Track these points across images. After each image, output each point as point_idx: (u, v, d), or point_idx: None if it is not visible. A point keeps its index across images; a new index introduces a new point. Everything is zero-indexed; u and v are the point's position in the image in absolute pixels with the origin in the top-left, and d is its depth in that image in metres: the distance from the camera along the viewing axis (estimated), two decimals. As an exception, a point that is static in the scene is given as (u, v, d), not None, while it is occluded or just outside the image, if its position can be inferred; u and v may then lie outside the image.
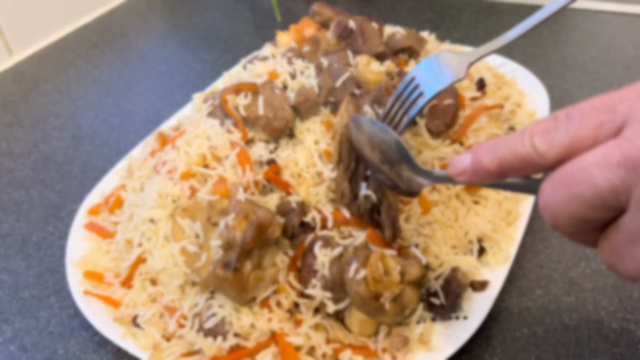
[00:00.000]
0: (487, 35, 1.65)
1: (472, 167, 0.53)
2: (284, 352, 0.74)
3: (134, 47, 1.76)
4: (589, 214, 0.43)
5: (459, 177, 0.55)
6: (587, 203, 0.42)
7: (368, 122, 0.76)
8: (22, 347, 0.86)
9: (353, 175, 0.82)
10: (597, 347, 0.79)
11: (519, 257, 0.93)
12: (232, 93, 0.91)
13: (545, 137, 0.45)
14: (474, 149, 0.53)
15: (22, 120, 1.42)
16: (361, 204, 0.81)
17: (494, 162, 0.50)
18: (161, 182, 0.85)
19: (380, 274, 0.73)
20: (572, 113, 0.45)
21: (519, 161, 0.48)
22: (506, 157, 0.48)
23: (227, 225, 0.75)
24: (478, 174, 0.52)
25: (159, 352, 0.77)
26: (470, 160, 0.53)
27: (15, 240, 1.06)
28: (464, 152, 0.55)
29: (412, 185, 0.72)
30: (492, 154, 0.50)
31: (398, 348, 0.75)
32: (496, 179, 0.51)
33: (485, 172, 0.51)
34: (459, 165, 0.55)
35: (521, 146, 0.47)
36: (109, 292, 0.87)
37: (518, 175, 0.50)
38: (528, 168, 0.48)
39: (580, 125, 0.43)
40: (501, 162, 0.49)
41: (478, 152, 0.52)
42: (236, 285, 0.74)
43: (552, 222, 0.46)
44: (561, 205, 0.44)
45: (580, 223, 0.44)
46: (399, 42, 1.09)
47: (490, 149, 0.50)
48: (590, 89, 1.36)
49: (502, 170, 0.50)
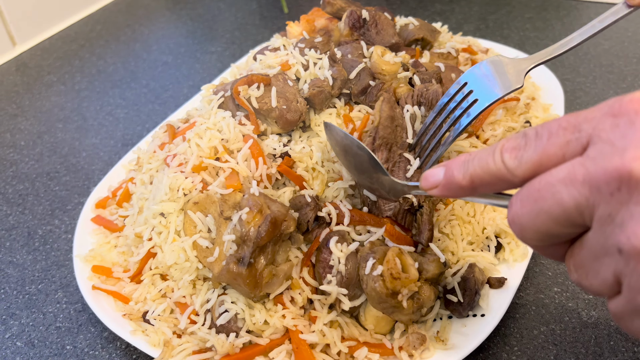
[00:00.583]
0: (497, 27, 1.62)
1: (444, 181, 0.53)
2: (299, 350, 0.72)
3: (138, 38, 1.73)
4: (555, 229, 0.44)
5: (431, 191, 0.55)
6: (553, 218, 0.43)
7: (341, 134, 0.73)
8: (29, 343, 0.84)
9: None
10: (617, 345, 0.77)
11: (535, 253, 0.91)
12: (244, 84, 0.88)
13: (515, 153, 0.46)
14: (447, 163, 0.53)
15: (26, 111, 1.40)
16: (398, 204, 0.79)
17: (466, 177, 0.50)
18: (172, 175, 0.83)
19: (398, 270, 0.71)
20: (541, 132, 0.45)
21: (490, 177, 0.48)
22: (477, 173, 0.49)
23: (241, 220, 0.73)
24: (450, 188, 0.52)
25: (170, 348, 0.75)
26: (442, 174, 0.53)
27: (21, 233, 1.04)
28: (436, 166, 0.55)
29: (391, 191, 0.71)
30: (465, 170, 0.50)
31: (415, 346, 0.73)
32: (468, 193, 0.52)
33: (457, 186, 0.51)
34: (431, 179, 0.55)
35: (492, 162, 0.48)
36: (117, 287, 0.85)
37: (489, 190, 0.50)
38: (499, 184, 0.48)
39: (548, 143, 0.44)
40: (473, 178, 0.50)
41: (450, 166, 0.52)
42: (250, 281, 0.72)
43: (520, 235, 0.47)
44: (529, 219, 0.45)
45: (546, 237, 0.45)
46: (412, 33, 1.07)
47: (462, 164, 0.51)
48: (603, 82, 1.33)
49: (473, 185, 0.50)
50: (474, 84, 0.74)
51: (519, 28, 1.62)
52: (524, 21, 1.64)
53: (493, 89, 0.72)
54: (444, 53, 1.04)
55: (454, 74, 0.95)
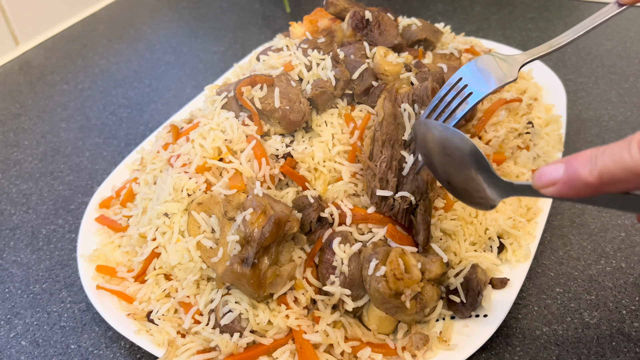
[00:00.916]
0: (500, 27, 1.62)
1: (565, 177, 0.47)
2: (302, 350, 0.73)
3: (141, 37, 1.73)
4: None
5: (547, 189, 0.50)
6: None
7: (440, 128, 0.68)
8: (34, 342, 0.85)
9: (384, 175, 0.81)
10: (619, 346, 0.77)
11: (538, 254, 0.92)
12: (248, 85, 0.89)
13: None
14: (567, 158, 0.47)
15: (30, 110, 1.40)
16: (397, 203, 0.79)
17: (594, 172, 0.45)
18: (176, 175, 0.83)
19: (401, 271, 0.71)
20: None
21: (624, 173, 0.43)
22: (609, 168, 0.44)
23: (245, 220, 0.73)
24: (573, 185, 0.47)
25: (174, 348, 0.75)
26: (563, 170, 0.48)
27: (25, 233, 1.05)
28: (553, 162, 0.49)
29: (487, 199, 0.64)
30: (592, 164, 0.45)
31: (418, 347, 0.74)
32: (594, 192, 0.46)
33: (582, 184, 0.46)
34: (547, 175, 0.49)
35: (628, 156, 0.43)
36: (121, 286, 0.85)
37: (620, 189, 0.45)
38: (635, 181, 0.43)
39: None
40: (602, 173, 0.44)
41: (573, 161, 0.47)
42: (254, 281, 0.72)
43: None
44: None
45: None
46: (415, 34, 1.07)
47: (588, 159, 0.45)
48: (606, 82, 1.33)
49: (602, 182, 0.45)
50: (469, 79, 0.74)
51: (521, 28, 1.62)
52: (526, 21, 1.65)
53: (487, 82, 0.72)
54: (446, 54, 1.04)
55: (457, 75, 0.95)
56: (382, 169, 0.80)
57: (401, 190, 0.79)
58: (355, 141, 0.86)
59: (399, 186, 0.80)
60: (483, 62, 0.75)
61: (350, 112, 0.90)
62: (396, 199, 0.79)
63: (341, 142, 0.86)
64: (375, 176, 0.80)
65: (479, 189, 0.64)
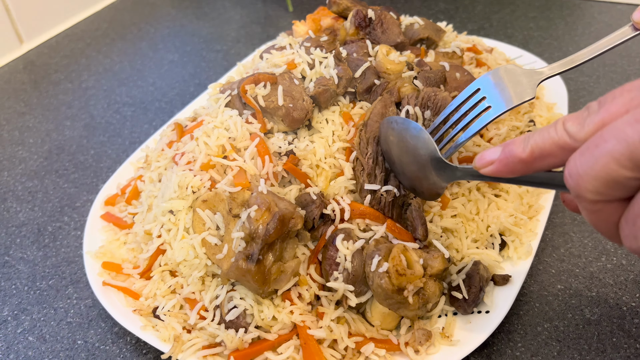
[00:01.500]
0: (501, 27, 1.63)
1: (502, 156, 0.53)
2: (307, 345, 0.74)
3: (144, 36, 1.74)
4: (617, 173, 0.42)
5: (486, 168, 0.55)
6: (615, 159, 0.41)
7: (400, 120, 0.76)
8: (41, 338, 0.86)
9: (372, 170, 0.82)
10: (619, 342, 0.78)
11: (539, 251, 0.92)
12: (251, 83, 0.89)
13: (577, 121, 0.47)
14: (505, 142, 0.54)
15: (34, 109, 1.41)
16: (382, 197, 0.81)
17: (526, 149, 0.50)
18: (180, 173, 0.84)
19: (404, 267, 0.72)
20: (604, 99, 0.46)
21: (550, 146, 0.48)
22: (538, 144, 0.49)
23: (250, 217, 0.74)
24: (508, 163, 0.53)
25: (180, 343, 0.76)
26: (500, 151, 0.54)
27: (31, 230, 1.06)
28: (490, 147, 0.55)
29: (435, 186, 0.73)
30: (525, 143, 0.51)
31: (421, 342, 0.74)
32: (525, 167, 0.52)
33: (516, 160, 0.52)
34: (486, 157, 0.55)
35: (554, 132, 0.48)
36: (127, 283, 0.86)
37: (548, 164, 0.50)
38: (560, 153, 0.48)
39: (612, 104, 0.45)
40: (533, 149, 0.50)
41: (509, 143, 0.53)
42: (258, 278, 0.73)
43: (576, 187, 0.45)
44: (588, 166, 0.43)
45: (606, 186, 0.43)
46: (417, 33, 1.08)
47: (522, 140, 0.52)
48: (607, 81, 1.34)
49: (533, 157, 0.50)
50: (487, 91, 0.74)
51: (522, 27, 1.62)
52: (527, 20, 1.65)
53: (506, 98, 0.72)
54: (448, 52, 1.05)
55: (459, 73, 0.96)
56: (370, 164, 0.81)
57: (388, 184, 0.81)
58: (351, 138, 0.87)
59: (387, 181, 0.82)
60: (503, 75, 0.74)
61: (351, 110, 0.91)
62: (382, 193, 0.80)
63: (340, 139, 0.87)
64: (364, 171, 0.82)
65: (429, 176, 0.73)
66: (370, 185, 0.81)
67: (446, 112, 0.77)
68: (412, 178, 0.78)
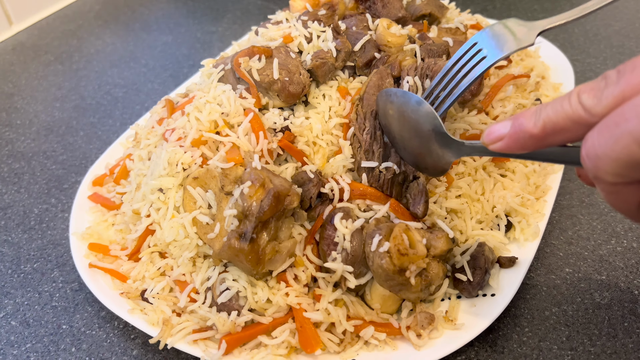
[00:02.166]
0: (505, 8, 1.58)
1: (512, 131, 0.49)
2: (303, 329, 0.70)
3: (137, 18, 1.69)
4: (638, 154, 0.38)
5: (495, 144, 0.51)
6: (637, 139, 0.38)
7: (399, 94, 0.72)
8: (24, 322, 0.82)
9: (370, 147, 0.77)
10: (631, 327, 0.75)
11: (546, 234, 0.88)
12: (245, 56, 0.85)
13: (594, 93, 0.42)
14: (514, 116, 0.49)
15: (23, 90, 1.37)
16: (381, 175, 0.77)
17: (538, 124, 0.46)
18: (170, 149, 0.80)
19: (406, 246, 0.68)
20: (623, 68, 0.41)
21: (564, 120, 0.44)
22: (551, 118, 0.45)
23: (243, 194, 0.70)
24: (518, 138, 0.48)
25: (169, 327, 0.72)
26: (509, 125, 0.49)
27: (17, 212, 1.02)
28: (499, 121, 0.50)
29: (440, 161, 0.68)
30: (536, 117, 0.46)
31: (423, 326, 0.71)
32: (538, 143, 0.47)
33: (527, 135, 0.47)
34: (496, 132, 0.50)
35: (568, 105, 0.44)
36: (115, 265, 0.82)
37: (561, 139, 0.46)
38: (574, 128, 0.44)
39: (632, 75, 0.40)
40: (545, 123, 0.45)
41: (519, 117, 0.48)
42: (252, 257, 0.69)
43: (594, 169, 0.42)
44: (607, 146, 0.40)
45: (625, 168, 0.40)
46: (419, 9, 1.03)
47: (533, 113, 0.47)
48: (614, 63, 1.30)
49: (545, 131, 0.46)
50: (484, 43, 0.70)
51: (526, 9, 1.58)
52: (532, 2, 1.61)
53: (503, 46, 0.69)
54: (452, 28, 1.00)
55: (463, 48, 0.92)
56: (367, 140, 0.77)
57: (388, 160, 0.76)
58: (348, 114, 0.83)
59: (386, 157, 0.77)
60: (500, 27, 0.71)
61: (349, 84, 0.86)
62: (381, 170, 0.76)
63: (337, 115, 0.83)
64: (361, 148, 0.77)
65: (433, 151, 0.69)
66: (367, 162, 0.77)
67: (444, 71, 0.72)
68: (414, 154, 0.73)
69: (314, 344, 0.69)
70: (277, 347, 0.70)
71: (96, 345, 0.78)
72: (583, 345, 0.73)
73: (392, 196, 0.78)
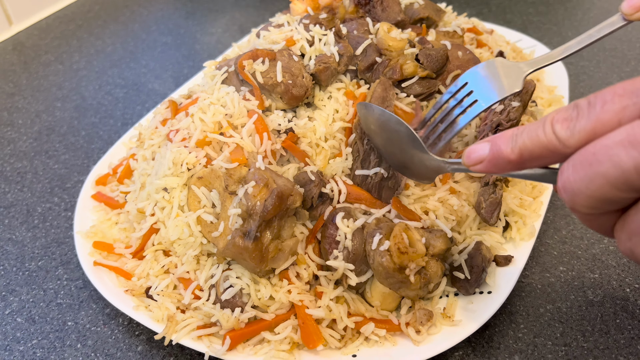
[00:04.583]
0: (500, 12, 1.61)
1: (490, 156, 0.51)
2: (305, 325, 0.72)
3: (137, 18, 1.71)
4: (611, 194, 0.41)
5: (475, 167, 0.53)
6: (610, 182, 0.41)
7: (377, 111, 0.74)
8: (30, 319, 0.83)
9: (367, 156, 0.80)
10: (623, 323, 0.77)
11: (541, 233, 0.91)
12: (249, 58, 0.87)
13: (567, 124, 0.44)
14: (491, 138, 0.51)
15: (24, 90, 1.38)
16: (369, 178, 0.79)
17: (515, 150, 0.48)
18: (175, 149, 0.81)
19: (405, 245, 0.70)
20: (594, 100, 0.43)
21: (540, 149, 0.46)
22: (527, 146, 0.47)
23: (247, 194, 0.72)
24: (497, 163, 0.51)
25: (174, 324, 0.74)
26: (488, 149, 0.51)
27: (20, 211, 1.03)
28: (479, 141, 0.53)
29: (426, 170, 0.70)
30: (513, 143, 0.49)
31: (422, 322, 0.73)
32: (515, 168, 0.50)
33: (504, 161, 0.49)
34: (475, 154, 0.53)
35: (542, 134, 0.46)
36: (119, 263, 0.84)
37: (537, 164, 0.49)
38: (549, 156, 0.47)
39: (602, 110, 0.42)
40: (522, 151, 0.48)
41: (496, 141, 0.50)
42: (255, 255, 0.71)
43: (571, 202, 0.45)
44: (582, 185, 0.42)
45: (600, 204, 0.43)
46: (417, 12, 1.05)
47: (510, 138, 0.49)
48: (607, 66, 1.32)
49: (522, 159, 0.48)
50: (475, 85, 0.74)
51: (521, 12, 1.60)
52: (526, 5, 1.63)
53: (492, 91, 0.72)
54: (449, 31, 1.02)
55: (461, 52, 0.94)
56: (366, 149, 0.80)
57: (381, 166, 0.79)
58: (351, 119, 0.85)
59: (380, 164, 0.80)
60: (488, 69, 0.74)
61: (356, 90, 0.88)
62: (371, 176, 0.79)
63: (341, 118, 0.85)
64: (359, 157, 0.80)
65: (416, 165, 0.71)
66: (361, 171, 0.80)
67: (436, 107, 0.77)
68: (399, 164, 0.76)
69: (316, 339, 0.71)
70: (279, 343, 0.72)
71: (101, 342, 0.80)
72: (576, 341, 0.75)
73: (382, 200, 0.80)
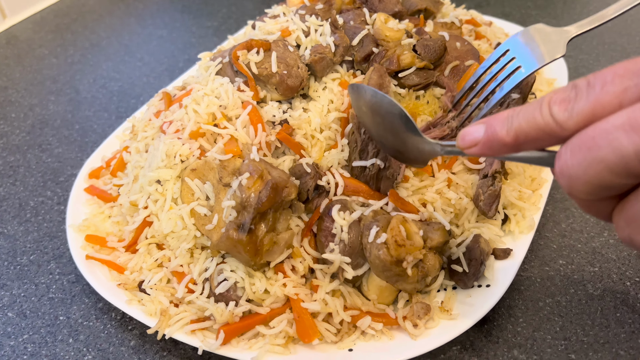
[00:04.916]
0: (498, 5, 1.60)
1: (485, 138, 0.49)
2: (300, 319, 0.70)
3: (132, 12, 1.69)
4: (610, 180, 0.40)
5: (470, 149, 0.51)
6: (609, 167, 0.39)
7: (370, 92, 0.70)
8: (21, 314, 0.82)
9: (365, 146, 0.78)
10: (623, 317, 0.76)
11: (540, 226, 0.90)
12: (244, 49, 0.85)
13: (564, 105, 0.42)
14: (487, 119, 0.49)
15: (17, 83, 1.36)
16: (367, 170, 0.78)
17: (510, 133, 0.46)
18: (168, 141, 0.80)
19: (403, 237, 0.69)
20: (594, 81, 0.41)
21: (536, 132, 0.44)
22: (523, 128, 0.45)
23: (241, 185, 0.70)
24: (492, 146, 0.48)
25: (167, 318, 0.73)
26: (483, 131, 0.49)
27: (12, 204, 1.01)
28: (474, 123, 0.50)
29: (419, 153, 0.67)
30: (508, 125, 0.47)
31: (419, 316, 0.71)
32: (511, 151, 0.48)
33: (499, 143, 0.48)
34: (469, 136, 0.50)
35: (539, 116, 0.44)
36: (112, 256, 0.82)
37: (534, 147, 0.47)
38: (546, 139, 0.45)
39: (602, 92, 0.40)
40: (517, 133, 0.46)
41: (491, 122, 0.48)
42: (250, 248, 0.69)
43: (568, 187, 0.43)
44: (580, 169, 0.41)
45: (598, 190, 0.41)
46: (415, 4, 1.04)
47: (505, 120, 0.47)
48: (607, 60, 1.31)
49: (518, 141, 0.46)
50: (517, 51, 0.71)
51: (520, 5, 1.59)
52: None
53: (536, 56, 0.69)
54: (447, 23, 1.01)
55: (459, 43, 0.93)
56: (364, 139, 0.78)
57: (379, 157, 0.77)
58: (346, 108, 0.83)
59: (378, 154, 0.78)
60: (530, 35, 0.72)
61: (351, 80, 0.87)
62: (369, 167, 0.77)
63: (336, 109, 0.83)
64: (357, 147, 0.78)
65: (409, 149, 0.67)
66: (359, 162, 0.78)
67: (477, 74, 0.73)
68: (392, 148, 0.72)
69: (312, 333, 0.70)
70: (274, 337, 0.71)
71: (94, 336, 0.78)
72: (576, 335, 0.74)
73: (380, 191, 0.78)
